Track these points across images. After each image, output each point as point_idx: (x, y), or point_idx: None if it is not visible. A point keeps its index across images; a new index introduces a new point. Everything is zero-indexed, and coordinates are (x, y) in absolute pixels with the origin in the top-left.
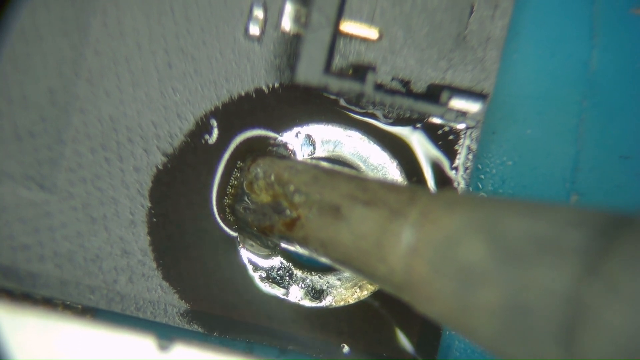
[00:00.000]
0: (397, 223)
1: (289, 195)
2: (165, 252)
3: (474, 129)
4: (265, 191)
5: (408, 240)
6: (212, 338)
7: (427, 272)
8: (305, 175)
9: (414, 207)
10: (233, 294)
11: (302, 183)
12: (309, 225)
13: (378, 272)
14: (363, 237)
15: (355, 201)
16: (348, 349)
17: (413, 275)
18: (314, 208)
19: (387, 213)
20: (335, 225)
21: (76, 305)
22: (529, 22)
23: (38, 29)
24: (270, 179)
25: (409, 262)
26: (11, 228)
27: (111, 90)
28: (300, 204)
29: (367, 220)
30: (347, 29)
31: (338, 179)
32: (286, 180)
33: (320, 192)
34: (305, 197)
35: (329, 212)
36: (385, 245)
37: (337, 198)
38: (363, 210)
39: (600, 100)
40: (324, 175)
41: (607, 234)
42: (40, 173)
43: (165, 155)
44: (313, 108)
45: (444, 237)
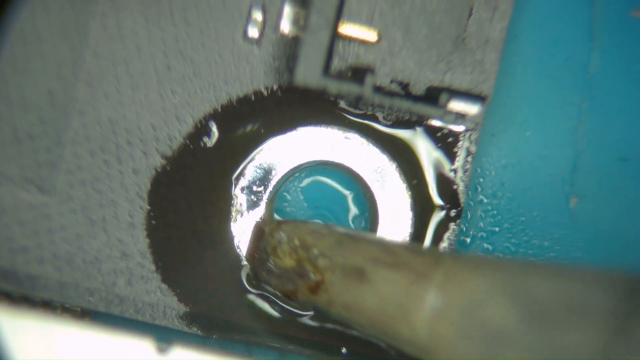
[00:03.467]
0: (422, 286)
1: (313, 259)
2: (164, 254)
3: (473, 131)
4: (289, 255)
5: (433, 303)
6: (211, 341)
7: (452, 335)
8: (329, 239)
9: (438, 269)
10: (232, 296)
11: (326, 247)
12: (333, 289)
13: (402, 335)
14: (387, 300)
15: (379, 264)
16: (347, 350)
17: (438, 338)
18: (337, 271)
19: (411, 276)
20: (359, 288)
21: (75, 307)
22: (528, 24)
23: (37, 30)
24: (294, 243)
25: (434, 325)
26: (10, 230)
27: (110, 92)
28: (324, 267)
29: (391, 283)
30: (346, 31)
31: (362, 242)
32: (310, 244)
33: (344, 255)
34: (329, 261)
35: (353, 275)
36: (410, 308)
37: (361, 261)
38: (387, 273)
39: (599, 102)
40: (348, 239)
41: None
42: (39, 175)
43: (164, 157)
44: (312, 110)
45: (470, 299)
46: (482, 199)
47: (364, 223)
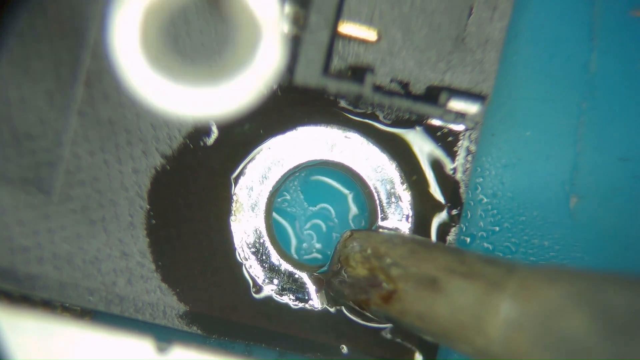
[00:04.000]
0: (496, 295)
1: (386, 269)
2: (164, 254)
3: (473, 130)
4: (361, 265)
5: (507, 313)
6: (211, 340)
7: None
8: (402, 249)
9: (512, 278)
10: (232, 295)
11: (399, 256)
12: (406, 298)
13: (476, 345)
14: (461, 309)
15: (452, 274)
16: (347, 350)
17: (513, 348)
18: (411, 281)
19: (485, 285)
20: (432, 298)
21: (75, 307)
22: (528, 24)
23: (36, 31)
24: (367, 252)
25: (509, 335)
26: (10, 230)
27: (109, 92)
28: (397, 277)
29: (465, 293)
30: (346, 30)
31: (435, 251)
32: (383, 254)
33: (418, 264)
34: (403, 270)
35: (426, 284)
36: (484, 317)
37: (434, 271)
38: (461, 282)
39: (599, 102)
40: (421, 248)
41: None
42: (38, 175)
43: (164, 157)
44: (312, 110)
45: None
46: (482, 199)
47: (363, 222)
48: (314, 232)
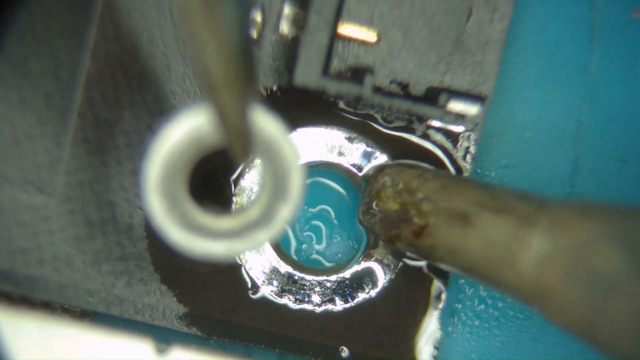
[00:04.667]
0: (527, 230)
1: (417, 203)
2: (163, 255)
3: (473, 131)
4: (393, 199)
5: (539, 248)
6: (211, 342)
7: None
8: (433, 183)
9: (544, 213)
10: (232, 297)
11: (431, 191)
12: (437, 233)
13: (507, 280)
14: (492, 244)
15: (483, 208)
16: (347, 352)
17: (544, 283)
18: (442, 216)
19: (517, 220)
20: (463, 232)
21: (75, 308)
22: (528, 26)
23: (35, 32)
24: (398, 187)
25: (540, 270)
26: (10, 231)
27: (108, 93)
28: (428, 211)
29: (496, 228)
30: (346, 31)
31: (466, 186)
32: (414, 188)
33: (449, 199)
34: (434, 205)
35: (457, 219)
36: (515, 252)
37: (465, 205)
38: (492, 217)
39: (599, 103)
40: (452, 183)
41: None
42: (38, 176)
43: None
44: (311, 111)
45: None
46: None
47: None
48: (313, 234)
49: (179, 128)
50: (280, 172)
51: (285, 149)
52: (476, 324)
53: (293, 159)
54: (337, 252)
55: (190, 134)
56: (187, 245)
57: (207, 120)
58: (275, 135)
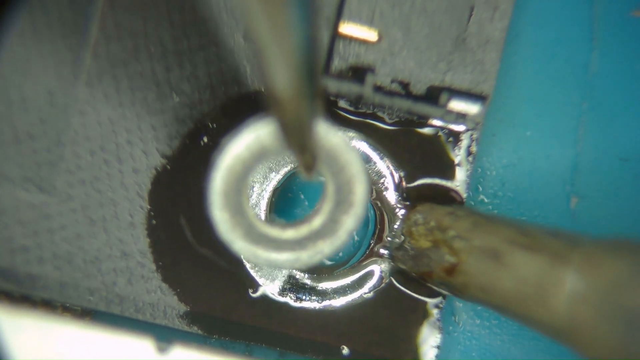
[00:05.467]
0: (560, 268)
1: (449, 241)
2: (164, 253)
3: (473, 130)
4: (425, 237)
5: (572, 285)
6: (211, 340)
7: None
8: (465, 221)
9: (576, 251)
10: (233, 296)
11: (463, 229)
12: (469, 271)
13: (539, 317)
14: (525, 281)
15: (515, 246)
16: (348, 350)
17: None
18: (474, 253)
19: (549, 258)
20: (496, 270)
21: (75, 307)
22: (528, 24)
23: (36, 31)
24: (430, 224)
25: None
26: (10, 230)
27: (110, 92)
28: (460, 249)
29: (528, 265)
30: (347, 30)
31: (498, 224)
32: (446, 226)
33: (481, 237)
34: (466, 243)
35: (490, 257)
36: (548, 290)
37: (497, 243)
38: (524, 254)
39: (599, 102)
40: (484, 221)
41: None
42: (39, 175)
43: (164, 157)
44: None
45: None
46: (483, 199)
47: (370, 226)
48: None
49: (243, 142)
50: (343, 183)
51: (349, 161)
52: (477, 322)
53: (357, 170)
54: (338, 251)
55: (253, 147)
56: (252, 256)
57: (272, 134)
58: (339, 146)
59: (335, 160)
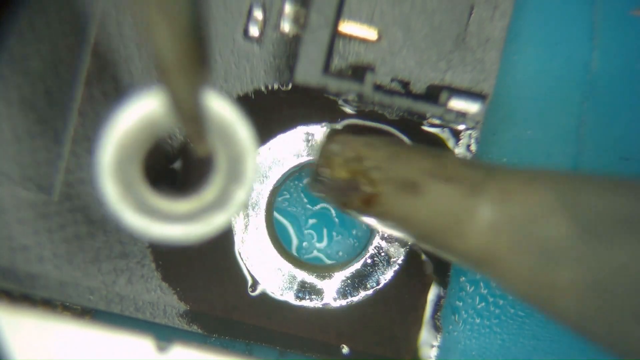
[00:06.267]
0: (476, 199)
1: (367, 172)
2: (164, 253)
3: (473, 129)
4: (342, 167)
5: (487, 217)
6: (211, 339)
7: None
8: (383, 152)
9: (492, 182)
10: (233, 294)
11: (380, 159)
12: (387, 202)
13: (455, 248)
14: (441, 213)
15: (433, 177)
16: (348, 349)
17: (493, 251)
18: (392, 184)
19: (466, 189)
20: (413, 201)
21: (75, 306)
22: (528, 23)
23: (36, 30)
24: (348, 155)
25: (488, 239)
26: (10, 229)
27: (109, 92)
28: (378, 180)
29: (445, 197)
30: (346, 29)
31: (416, 155)
32: (364, 156)
33: (398, 168)
34: (384, 174)
35: (407, 188)
36: (464, 221)
37: (415, 174)
38: (441, 186)
39: (600, 101)
40: (402, 152)
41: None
42: (39, 174)
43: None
44: (312, 109)
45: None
46: None
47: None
48: (314, 232)
49: (132, 112)
50: (234, 155)
51: (239, 132)
52: (477, 321)
53: (247, 141)
54: (339, 250)
55: (143, 118)
56: (143, 229)
57: (161, 104)
58: (229, 118)
59: (226, 133)
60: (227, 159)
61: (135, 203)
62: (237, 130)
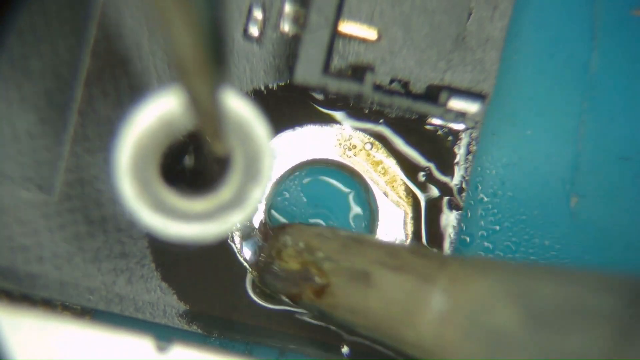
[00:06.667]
0: (427, 289)
1: (319, 263)
2: (164, 253)
3: (473, 129)
4: (294, 259)
5: (438, 306)
6: (211, 339)
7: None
8: (334, 243)
9: (443, 272)
10: (232, 294)
11: (332, 250)
12: (338, 292)
13: (407, 339)
14: (392, 303)
15: (384, 267)
16: (347, 349)
17: (443, 341)
18: (343, 275)
19: (417, 279)
20: (364, 291)
21: (75, 306)
22: (528, 23)
23: (36, 31)
24: (299, 246)
25: (439, 328)
26: (10, 229)
27: (109, 91)
28: (329, 271)
29: (396, 287)
30: (346, 29)
31: (367, 245)
32: (315, 247)
33: (350, 259)
34: (335, 264)
35: (358, 278)
36: (415, 311)
37: (366, 264)
38: (392, 276)
39: (600, 101)
40: (353, 242)
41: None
42: (39, 174)
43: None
44: (312, 109)
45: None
46: (483, 198)
47: (364, 223)
48: None
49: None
50: (251, 154)
51: (256, 131)
52: None
53: (264, 140)
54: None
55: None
56: (160, 228)
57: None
58: (246, 116)
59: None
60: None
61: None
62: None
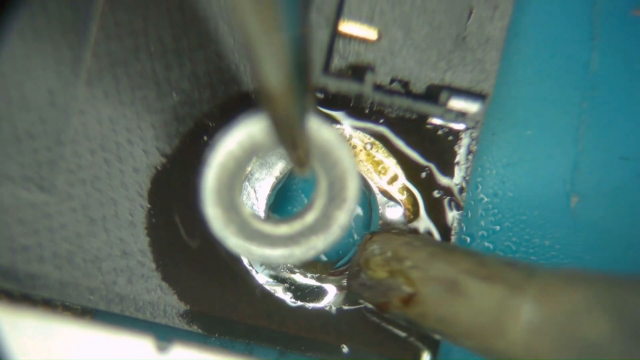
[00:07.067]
0: (517, 298)
1: (406, 272)
2: (164, 252)
3: (473, 129)
4: (381, 267)
5: (528, 316)
6: (212, 339)
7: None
8: (422, 251)
9: (533, 282)
10: (232, 294)
11: (420, 259)
12: (426, 301)
13: (497, 348)
14: (482, 312)
15: (473, 276)
16: (347, 349)
17: (534, 351)
18: (431, 284)
19: (506, 288)
20: (453, 301)
21: (75, 306)
22: (529, 23)
23: (37, 30)
24: (387, 255)
25: (529, 338)
26: (11, 229)
27: (110, 91)
28: (417, 280)
29: (486, 296)
30: (346, 29)
31: (456, 254)
32: (403, 256)
33: (438, 267)
34: (423, 273)
35: (446, 287)
36: (505, 321)
37: (455, 273)
38: (482, 285)
39: (600, 101)
40: (441, 251)
41: None
42: (39, 174)
43: (164, 156)
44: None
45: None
46: (483, 198)
47: (365, 223)
48: None
49: (236, 138)
50: (336, 179)
51: (341, 156)
52: None
53: (349, 165)
54: (338, 250)
55: (245, 143)
56: (246, 253)
57: (264, 130)
58: (331, 142)
59: (328, 156)
60: (328, 182)
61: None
62: (339, 153)
